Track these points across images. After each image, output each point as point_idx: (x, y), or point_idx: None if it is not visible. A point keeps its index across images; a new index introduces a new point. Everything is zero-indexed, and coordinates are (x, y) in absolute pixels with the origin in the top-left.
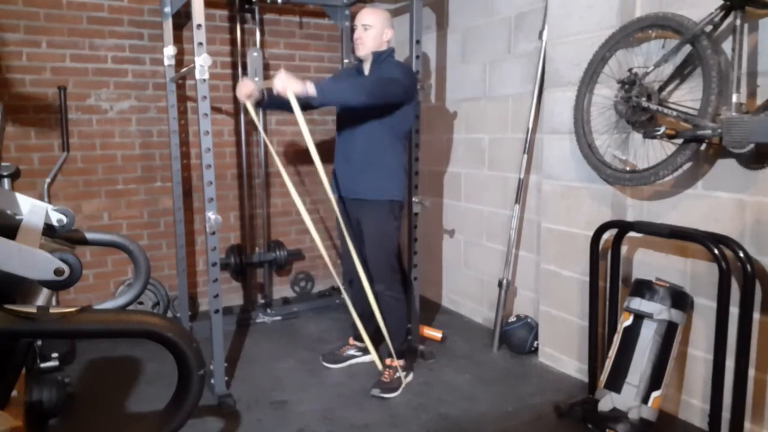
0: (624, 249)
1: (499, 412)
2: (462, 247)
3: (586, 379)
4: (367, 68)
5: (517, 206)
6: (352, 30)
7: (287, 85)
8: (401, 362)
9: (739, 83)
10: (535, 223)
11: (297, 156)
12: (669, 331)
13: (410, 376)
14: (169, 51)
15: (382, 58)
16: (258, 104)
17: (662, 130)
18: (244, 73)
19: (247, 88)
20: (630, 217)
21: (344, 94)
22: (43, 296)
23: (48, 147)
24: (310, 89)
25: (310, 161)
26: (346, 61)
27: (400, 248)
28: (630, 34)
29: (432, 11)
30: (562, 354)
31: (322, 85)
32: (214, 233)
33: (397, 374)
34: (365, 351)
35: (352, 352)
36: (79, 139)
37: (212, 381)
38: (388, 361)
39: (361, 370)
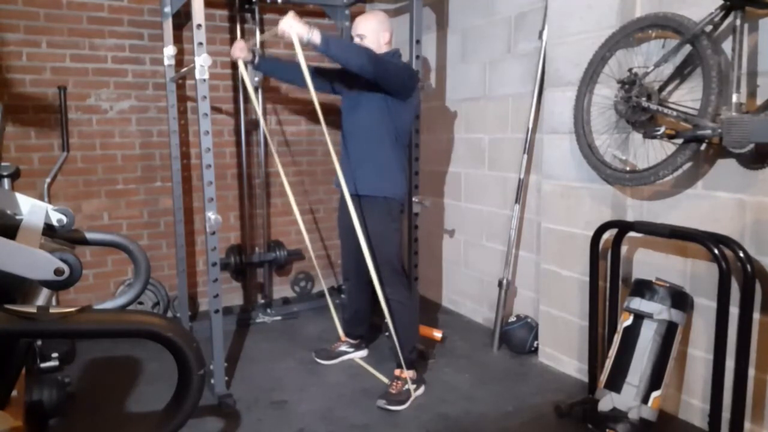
0: (624, 249)
1: (499, 412)
2: (462, 247)
3: (586, 379)
4: None
5: (517, 206)
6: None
7: (293, 26)
8: (411, 373)
9: (739, 83)
10: (535, 223)
11: (297, 154)
12: (669, 331)
13: (421, 389)
14: (169, 51)
15: None
16: (252, 64)
17: (662, 130)
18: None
19: (241, 45)
20: (630, 217)
21: (348, 51)
22: (43, 296)
23: (48, 147)
24: (315, 36)
25: (309, 160)
26: None
27: (401, 251)
28: (630, 34)
29: (432, 11)
30: (562, 354)
31: (329, 37)
32: (214, 233)
33: (406, 386)
34: (356, 347)
35: (343, 348)
36: (79, 139)
37: (212, 381)
38: (397, 372)
39: (361, 370)
